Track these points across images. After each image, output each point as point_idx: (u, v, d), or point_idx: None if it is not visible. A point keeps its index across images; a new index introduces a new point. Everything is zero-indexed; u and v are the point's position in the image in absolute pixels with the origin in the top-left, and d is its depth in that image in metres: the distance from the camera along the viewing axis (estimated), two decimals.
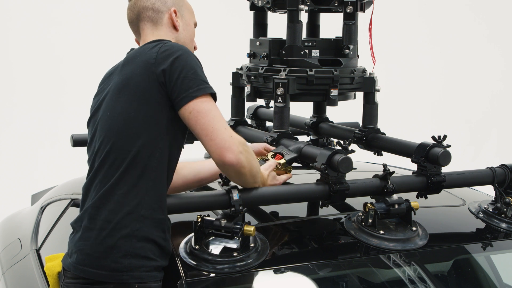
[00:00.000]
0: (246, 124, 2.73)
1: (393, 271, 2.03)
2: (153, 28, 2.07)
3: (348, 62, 2.46)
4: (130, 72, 1.89)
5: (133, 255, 1.79)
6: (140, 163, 1.82)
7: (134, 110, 1.84)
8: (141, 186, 1.82)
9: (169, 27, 2.07)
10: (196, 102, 1.82)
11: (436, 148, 2.19)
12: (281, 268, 1.94)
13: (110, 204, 1.80)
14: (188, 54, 1.88)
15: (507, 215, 2.26)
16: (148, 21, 2.07)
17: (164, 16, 2.07)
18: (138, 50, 1.95)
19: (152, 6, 2.06)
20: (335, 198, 2.05)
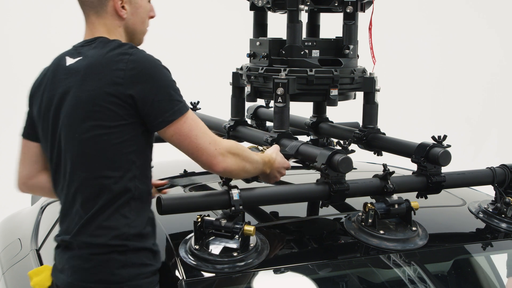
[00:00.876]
0: (246, 124, 2.73)
1: (393, 271, 2.03)
2: (97, 17, 1.89)
3: (348, 62, 2.45)
4: (94, 90, 1.75)
5: (130, 264, 1.78)
6: (123, 186, 1.78)
7: (106, 135, 1.75)
8: (126, 208, 1.79)
9: (114, 15, 1.89)
10: (175, 125, 1.78)
11: (436, 148, 2.19)
12: (281, 268, 1.94)
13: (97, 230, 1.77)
14: (158, 70, 1.78)
15: (507, 215, 2.26)
16: (91, 8, 1.89)
17: (108, 4, 1.87)
18: (96, 58, 1.79)
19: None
20: (335, 198, 2.05)
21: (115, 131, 1.76)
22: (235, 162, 1.87)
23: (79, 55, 1.85)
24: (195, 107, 3.16)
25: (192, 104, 3.17)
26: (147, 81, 1.75)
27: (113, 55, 1.78)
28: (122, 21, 1.91)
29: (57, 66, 1.88)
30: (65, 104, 1.81)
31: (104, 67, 1.76)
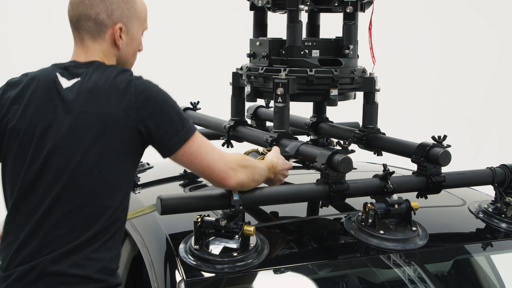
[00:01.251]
0: (246, 124, 2.73)
1: (393, 271, 2.03)
2: (93, 42, 1.84)
3: (348, 62, 2.45)
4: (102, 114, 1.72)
5: None
6: (116, 216, 1.76)
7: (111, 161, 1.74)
8: (112, 240, 1.78)
9: (110, 44, 1.86)
10: (185, 146, 1.77)
11: (436, 148, 2.19)
12: (281, 268, 1.94)
13: (83, 260, 1.73)
14: (163, 94, 1.79)
15: (507, 215, 2.26)
16: (88, 32, 1.84)
17: (107, 32, 1.84)
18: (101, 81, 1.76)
19: (96, 17, 1.83)
20: (335, 198, 2.05)
21: (121, 158, 1.75)
22: (246, 174, 1.88)
23: (75, 76, 1.80)
24: (195, 107, 3.16)
25: (192, 104, 3.17)
26: (157, 105, 1.75)
27: (120, 80, 1.76)
28: (117, 51, 1.88)
29: (47, 83, 1.80)
30: (61, 125, 1.74)
31: (112, 91, 1.74)
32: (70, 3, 1.87)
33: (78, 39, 1.87)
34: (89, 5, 1.83)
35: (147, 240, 2.10)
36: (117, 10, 1.84)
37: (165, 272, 1.91)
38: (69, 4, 1.87)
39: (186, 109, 3.15)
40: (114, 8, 1.84)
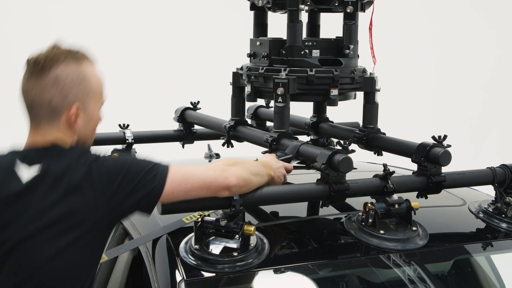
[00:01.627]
0: (246, 124, 2.73)
1: (393, 271, 2.03)
2: (50, 125, 1.75)
3: (349, 62, 2.45)
4: (63, 202, 1.66)
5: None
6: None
7: (79, 249, 1.68)
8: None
9: (67, 125, 1.76)
10: (168, 185, 1.73)
11: (436, 148, 2.19)
12: (281, 268, 1.94)
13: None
14: (122, 162, 1.73)
15: (507, 215, 2.26)
16: (43, 117, 1.75)
17: (63, 115, 1.74)
18: (61, 167, 1.69)
19: (49, 102, 1.73)
20: (335, 198, 2.05)
21: (89, 244, 1.70)
22: (239, 170, 1.87)
23: (32, 163, 1.72)
24: (195, 107, 3.16)
25: (192, 104, 3.17)
26: (120, 177, 1.69)
27: (80, 163, 1.70)
28: (74, 132, 1.78)
29: (6, 173, 1.72)
30: (23, 217, 1.66)
31: (74, 176, 1.68)
32: (22, 89, 1.77)
33: (34, 123, 1.78)
34: (41, 91, 1.73)
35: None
36: (71, 91, 1.74)
37: (165, 272, 1.91)
38: (21, 89, 1.78)
39: (186, 109, 3.15)
40: (68, 90, 1.74)
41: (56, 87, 1.73)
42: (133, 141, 3.00)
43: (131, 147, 3.00)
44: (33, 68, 1.75)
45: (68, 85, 1.74)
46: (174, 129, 3.19)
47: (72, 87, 1.75)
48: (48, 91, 1.73)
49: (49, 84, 1.73)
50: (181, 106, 3.17)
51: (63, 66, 1.74)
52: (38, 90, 1.74)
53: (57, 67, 1.74)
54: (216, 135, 3.03)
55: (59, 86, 1.73)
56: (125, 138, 2.99)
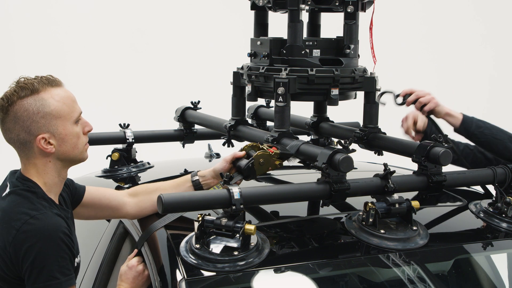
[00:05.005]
0: (247, 123, 2.73)
1: (394, 270, 2.03)
2: (27, 159, 1.92)
3: (349, 62, 2.45)
4: None
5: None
6: None
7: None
8: None
9: (41, 154, 1.90)
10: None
11: (437, 148, 2.19)
12: (281, 267, 1.94)
13: None
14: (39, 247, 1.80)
15: (507, 215, 2.26)
16: (20, 152, 1.93)
17: (33, 145, 1.89)
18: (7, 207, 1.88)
19: (17, 138, 1.89)
20: (336, 198, 2.05)
21: None
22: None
23: None
24: (196, 107, 3.16)
25: (192, 104, 3.17)
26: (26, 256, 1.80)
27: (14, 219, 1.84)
28: (52, 155, 1.91)
29: None
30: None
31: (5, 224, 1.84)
32: None
33: (18, 155, 1.96)
34: (8, 130, 1.90)
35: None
36: (32, 124, 1.87)
37: (166, 271, 1.91)
38: None
39: (186, 108, 3.15)
40: (28, 124, 1.87)
41: (17, 124, 1.88)
42: (133, 141, 3.00)
43: (132, 146, 3.01)
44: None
45: (27, 119, 1.87)
46: (174, 129, 3.19)
47: (32, 120, 1.87)
48: (12, 130, 1.89)
49: (11, 123, 1.88)
50: (182, 106, 3.17)
51: (19, 102, 1.87)
52: (6, 131, 1.91)
53: (14, 106, 1.87)
54: (216, 134, 3.03)
55: (19, 122, 1.87)
56: (125, 137, 2.99)
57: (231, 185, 1.93)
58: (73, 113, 1.94)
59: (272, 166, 2.21)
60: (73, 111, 1.94)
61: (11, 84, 1.92)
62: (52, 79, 1.94)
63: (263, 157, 2.18)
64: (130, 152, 2.99)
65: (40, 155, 1.90)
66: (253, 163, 2.16)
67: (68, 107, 1.93)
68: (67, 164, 1.97)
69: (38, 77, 1.93)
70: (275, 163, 2.21)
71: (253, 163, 2.16)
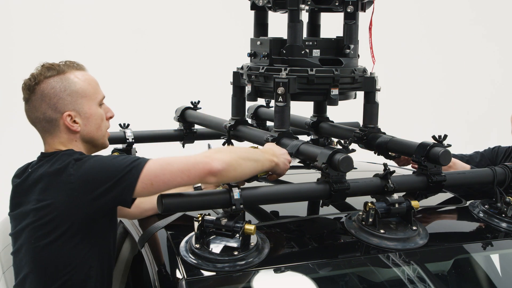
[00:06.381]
0: (247, 123, 2.73)
1: (394, 270, 2.03)
2: (52, 137, 1.97)
3: (349, 62, 2.46)
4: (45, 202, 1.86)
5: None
6: None
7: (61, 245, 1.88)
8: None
9: (67, 132, 1.96)
10: (143, 178, 1.82)
11: (437, 148, 2.20)
12: (281, 267, 1.94)
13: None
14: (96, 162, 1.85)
15: (507, 215, 2.26)
16: (45, 131, 1.97)
17: (59, 123, 1.95)
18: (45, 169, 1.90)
19: (44, 116, 1.95)
20: (336, 197, 2.05)
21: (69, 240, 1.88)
22: (225, 154, 1.88)
23: (36, 167, 1.94)
24: (196, 107, 3.16)
25: (192, 104, 3.17)
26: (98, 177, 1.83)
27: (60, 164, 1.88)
28: (77, 134, 1.97)
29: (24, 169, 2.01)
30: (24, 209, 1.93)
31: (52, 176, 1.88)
32: (25, 112, 2.00)
33: (42, 136, 2.01)
34: (34, 109, 1.96)
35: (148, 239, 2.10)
36: (59, 101, 1.94)
37: (166, 271, 1.91)
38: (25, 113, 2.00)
39: (186, 108, 3.15)
40: (55, 101, 1.93)
41: (44, 101, 1.94)
42: (133, 141, 3.00)
43: (132, 146, 3.01)
44: (24, 93, 1.98)
45: (53, 97, 1.94)
46: (174, 129, 3.19)
47: (58, 97, 1.94)
48: (39, 108, 1.95)
49: (38, 101, 1.95)
50: (182, 106, 3.17)
51: (45, 81, 1.95)
52: (32, 110, 1.96)
53: (41, 84, 1.94)
54: (216, 134, 3.03)
55: (46, 99, 1.94)
56: (125, 137, 2.99)
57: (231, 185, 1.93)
58: (98, 95, 2.02)
59: None
60: (98, 92, 2.02)
61: (36, 67, 1.99)
62: (77, 63, 2.03)
63: None
64: (130, 152, 2.99)
65: (66, 133, 1.95)
66: None
67: (93, 88, 2.01)
68: (90, 148, 2.02)
69: (63, 61, 2.01)
70: None
71: None
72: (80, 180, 1.81)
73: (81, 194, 1.81)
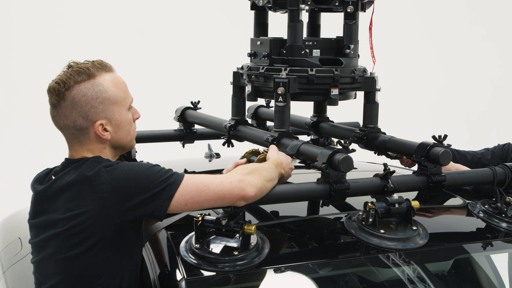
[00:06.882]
0: (247, 123, 2.73)
1: (394, 270, 2.03)
2: (80, 145, 1.89)
3: (349, 62, 2.46)
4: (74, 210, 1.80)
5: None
6: None
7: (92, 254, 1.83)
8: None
9: (97, 140, 1.88)
10: (178, 196, 1.78)
11: (437, 148, 2.20)
12: (281, 267, 1.94)
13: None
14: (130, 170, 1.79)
15: (507, 215, 2.26)
16: (73, 137, 1.89)
17: (90, 132, 1.87)
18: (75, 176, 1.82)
19: (74, 124, 1.86)
20: (336, 197, 2.05)
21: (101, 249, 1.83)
22: (256, 177, 1.87)
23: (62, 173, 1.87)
24: (196, 107, 3.16)
25: (192, 104, 3.17)
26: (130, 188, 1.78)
27: (90, 172, 1.81)
28: (107, 142, 1.90)
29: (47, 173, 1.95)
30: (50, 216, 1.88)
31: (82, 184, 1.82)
32: (51, 116, 1.91)
33: (68, 142, 1.93)
34: (63, 116, 1.87)
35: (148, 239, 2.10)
36: (91, 110, 1.85)
37: (166, 271, 1.91)
38: (51, 116, 1.92)
39: (186, 108, 3.15)
40: (86, 110, 1.85)
41: (75, 109, 1.85)
42: None
43: None
44: (51, 97, 1.87)
45: (85, 105, 1.85)
46: (174, 129, 3.19)
47: (90, 106, 1.85)
48: (69, 115, 1.85)
49: (68, 108, 1.85)
50: (182, 106, 3.17)
51: (76, 87, 1.85)
52: (61, 117, 1.87)
53: (71, 90, 1.84)
54: (216, 134, 3.03)
55: (77, 108, 1.84)
56: None
57: None
58: (128, 99, 1.95)
59: None
60: (128, 97, 1.96)
61: (63, 68, 1.90)
62: (105, 64, 1.94)
63: None
64: (130, 152, 2.99)
65: (95, 142, 1.88)
66: None
67: (123, 93, 1.94)
68: (118, 152, 1.97)
69: (89, 61, 1.92)
70: None
71: None
72: (112, 190, 1.75)
73: (114, 204, 1.75)
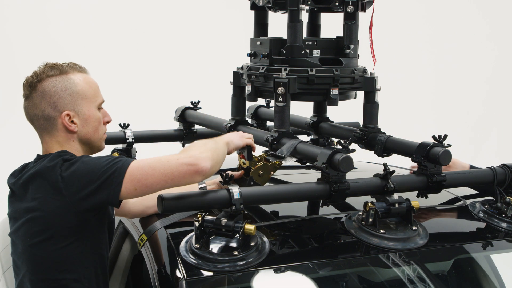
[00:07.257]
0: (247, 123, 2.73)
1: (393, 270, 2.03)
2: (49, 136, 1.99)
3: (349, 62, 2.46)
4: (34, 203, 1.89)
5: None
6: None
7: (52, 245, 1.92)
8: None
9: (65, 131, 1.98)
10: (126, 185, 1.82)
11: (437, 148, 2.20)
12: (281, 267, 1.94)
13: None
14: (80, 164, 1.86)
15: (507, 215, 2.26)
16: (43, 129, 1.99)
17: (57, 122, 1.97)
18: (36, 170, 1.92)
19: (43, 113, 1.97)
20: (336, 197, 2.05)
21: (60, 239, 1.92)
22: (206, 152, 1.88)
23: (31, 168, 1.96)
24: (196, 107, 3.16)
25: (192, 104, 3.17)
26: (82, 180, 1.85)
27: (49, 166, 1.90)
28: (74, 134, 1.99)
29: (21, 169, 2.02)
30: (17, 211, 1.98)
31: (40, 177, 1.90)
32: (24, 109, 2.02)
33: (39, 135, 2.03)
34: (33, 106, 1.98)
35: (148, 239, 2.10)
36: (59, 100, 1.96)
37: (166, 271, 1.91)
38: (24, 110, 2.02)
39: (186, 108, 3.15)
40: (55, 100, 1.96)
41: (44, 99, 1.96)
42: (133, 141, 3.00)
43: (132, 146, 3.00)
44: (25, 89, 2.00)
45: (54, 95, 1.96)
46: (174, 129, 3.19)
47: (59, 96, 1.97)
48: (39, 105, 1.97)
49: (38, 98, 1.97)
50: (182, 106, 3.17)
51: (48, 79, 1.97)
52: (31, 107, 1.98)
53: (42, 82, 1.97)
54: (216, 134, 3.02)
55: (46, 97, 1.96)
56: (125, 137, 2.99)
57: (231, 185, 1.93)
58: (97, 98, 2.04)
59: (272, 169, 2.22)
60: (98, 96, 2.05)
61: (39, 66, 2.02)
62: (80, 66, 2.06)
63: (260, 169, 2.19)
64: (130, 152, 2.99)
65: (63, 132, 1.97)
66: (254, 180, 2.17)
67: (94, 91, 2.03)
68: (86, 149, 2.03)
69: (66, 62, 2.05)
70: (274, 165, 2.22)
71: (253, 179, 2.17)
72: (67, 181, 1.84)
73: (70, 194, 1.84)
